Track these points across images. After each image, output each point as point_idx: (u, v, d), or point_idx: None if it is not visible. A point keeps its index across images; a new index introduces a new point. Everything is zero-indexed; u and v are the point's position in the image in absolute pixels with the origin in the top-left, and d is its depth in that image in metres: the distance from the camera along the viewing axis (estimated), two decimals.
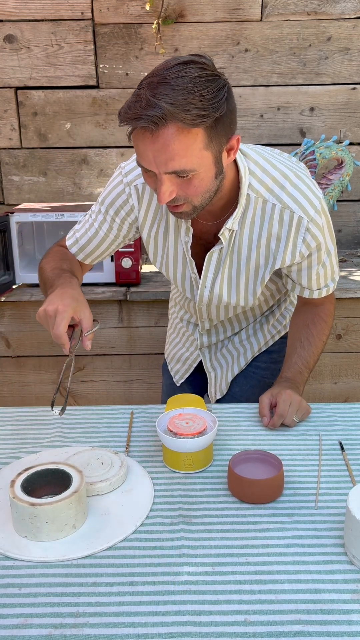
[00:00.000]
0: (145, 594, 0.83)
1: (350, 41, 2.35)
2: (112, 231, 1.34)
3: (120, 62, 2.37)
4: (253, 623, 0.78)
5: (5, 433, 1.26)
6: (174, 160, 1.01)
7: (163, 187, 1.05)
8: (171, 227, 1.29)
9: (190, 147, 1.01)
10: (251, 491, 1.01)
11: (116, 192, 1.30)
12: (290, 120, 2.44)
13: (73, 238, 1.38)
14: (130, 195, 1.28)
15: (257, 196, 1.20)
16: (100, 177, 2.50)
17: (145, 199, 1.28)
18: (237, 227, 1.23)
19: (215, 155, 1.06)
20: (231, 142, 1.09)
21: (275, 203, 1.20)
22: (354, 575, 0.85)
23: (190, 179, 1.05)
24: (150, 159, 1.03)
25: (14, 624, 0.78)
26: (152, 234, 1.32)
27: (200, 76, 1.00)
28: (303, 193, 1.20)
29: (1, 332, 2.18)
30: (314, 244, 1.23)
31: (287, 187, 1.20)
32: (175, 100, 0.97)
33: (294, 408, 1.24)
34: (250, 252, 1.26)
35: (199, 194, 1.08)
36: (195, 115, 0.98)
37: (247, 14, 2.32)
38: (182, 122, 0.98)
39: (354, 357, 2.19)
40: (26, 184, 2.50)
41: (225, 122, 1.05)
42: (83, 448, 1.18)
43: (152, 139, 1.00)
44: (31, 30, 2.34)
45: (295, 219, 1.20)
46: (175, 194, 1.07)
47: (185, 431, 1.10)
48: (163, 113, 0.96)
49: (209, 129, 1.02)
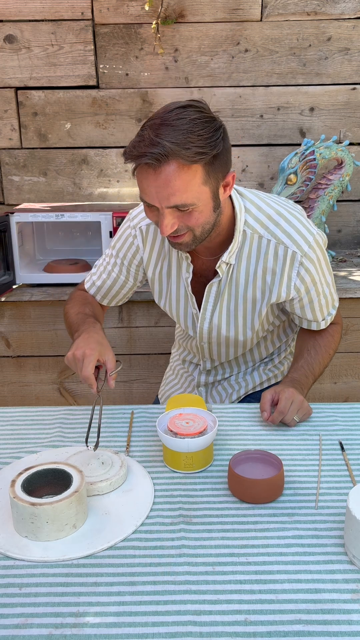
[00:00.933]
0: (145, 593, 0.83)
1: (350, 41, 2.35)
2: (123, 273, 1.45)
3: (120, 62, 2.37)
4: (253, 623, 0.78)
5: (5, 433, 1.26)
6: (175, 195, 1.10)
7: (165, 221, 1.14)
8: (173, 265, 1.38)
9: (190, 182, 1.10)
10: (251, 491, 1.01)
11: (124, 236, 1.41)
12: (290, 121, 2.44)
13: (90, 281, 1.49)
14: (135, 237, 1.39)
15: (253, 232, 1.28)
16: (100, 177, 2.50)
17: (149, 240, 1.38)
18: (235, 261, 1.30)
19: (213, 190, 1.15)
20: (227, 179, 1.18)
21: (270, 239, 1.27)
22: (354, 575, 0.85)
23: (191, 212, 1.14)
24: (153, 194, 1.11)
25: (15, 623, 0.78)
26: (156, 272, 1.41)
27: (198, 118, 1.09)
28: (297, 229, 1.27)
29: (1, 332, 2.18)
30: (308, 278, 1.30)
31: (281, 223, 1.27)
32: (176, 140, 1.06)
33: (295, 407, 1.24)
34: (247, 285, 1.33)
35: (199, 225, 1.17)
36: (194, 152, 1.07)
37: (247, 14, 2.32)
38: (182, 159, 1.07)
39: (354, 357, 2.19)
40: (26, 184, 2.51)
41: (221, 160, 1.14)
42: (83, 448, 1.18)
43: (154, 175, 1.09)
44: (31, 31, 2.34)
45: (289, 253, 1.27)
46: (177, 226, 1.15)
47: (185, 431, 1.10)
48: (165, 151, 1.05)
49: (207, 165, 1.11)
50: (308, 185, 2.29)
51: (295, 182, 2.24)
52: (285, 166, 2.23)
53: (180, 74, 2.39)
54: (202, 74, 2.39)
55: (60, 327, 2.16)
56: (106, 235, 2.09)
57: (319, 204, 2.31)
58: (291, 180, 2.23)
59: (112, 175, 2.50)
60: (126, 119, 2.44)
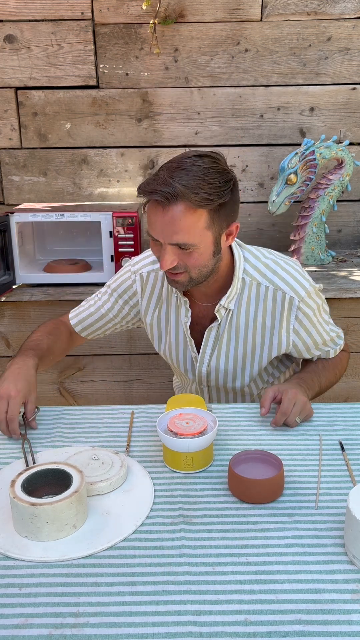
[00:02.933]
0: (145, 593, 0.83)
1: (350, 41, 2.35)
2: (113, 310, 1.49)
3: (120, 62, 2.37)
4: (253, 623, 0.78)
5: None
6: (179, 234, 1.17)
7: (166, 256, 1.20)
8: (172, 310, 1.42)
9: (194, 225, 1.17)
10: (251, 491, 1.01)
11: (123, 278, 1.46)
12: (290, 120, 2.44)
13: (76, 311, 1.53)
14: (135, 281, 1.44)
15: (252, 280, 1.34)
16: (100, 177, 2.50)
17: (149, 286, 1.43)
18: (234, 307, 1.35)
19: (215, 236, 1.21)
20: (231, 228, 1.25)
21: (268, 286, 1.33)
22: (354, 575, 0.85)
23: (191, 252, 1.20)
24: (158, 229, 1.18)
25: (15, 623, 0.78)
26: (154, 317, 1.45)
27: (212, 168, 1.17)
28: (294, 277, 1.33)
29: (1, 332, 2.18)
30: (306, 322, 1.35)
31: (278, 271, 1.33)
32: (187, 183, 1.13)
33: (298, 408, 1.24)
34: (247, 329, 1.37)
35: (197, 266, 1.22)
36: (202, 198, 1.14)
37: (247, 14, 2.32)
38: (190, 202, 1.14)
39: (354, 357, 2.19)
40: (26, 184, 2.50)
41: (227, 209, 1.21)
42: (83, 448, 1.18)
43: (162, 212, 1.16)
44: (31, 31, 2.34)
45: (287, 299, 1.32)
46: (176, 263, 1.21)
47: (185, 431, 1.10)
48: (175, 192, 1.13)
49: (212, 212, 1.18)
50: (308, 185, 2.29)
51: (295, 182, 2.24)
52: (285, 166, 2.23)
53: (180, 74, 2.39)
54: (202, 74, 2.39)
55: None
56: (106, 235, 2.09)
57: (319, 204, 2.31)
58: (291, 180, 2.23)
59: (112, 175, 2.50)
60: (126, 119, 2.44)
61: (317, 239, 2.35)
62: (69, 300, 2.09)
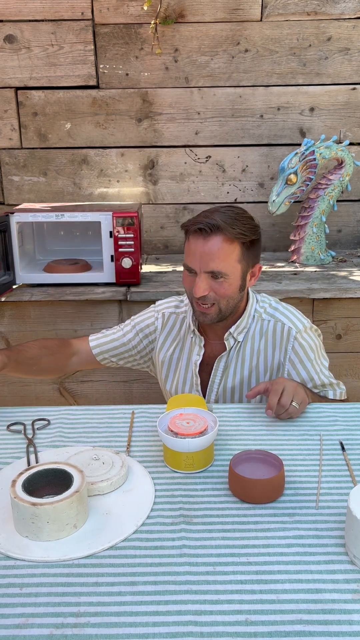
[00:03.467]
0: (146, 593, 0.83)
1: (350, 41, 2.35)
2: (133, 342, 1.60)
3: (120, 62, 2.37)
4: (254, 623, 0.78)
5: (5, 433, 1.26)
6: (215, 262, 1.34)
7: (201, 283, 1.35)
8: (185, 350, 1.56)
9: (229, 255, 1.35)
10: (252, 491, 1.01)
11: (147, 315, 1.62)
12: (290, 120, 2.44)
13: (96, 335, 1.63)
14: (157, 319, 1.59)
15: (258, 316, 1.50)
16: (100, 177, 2.50)
17: (168, 325, 1.58)
18: (242, 339, 1.48)
19: (244, 271, 1.39)
20: (254, 269, 1.44)
21: (270, 319, 1.49)
22: (355, 575, 0.85)
23: (222, 282, 1.36)
24: (197, 257, 1.35)
25: (15, 623, 0.78)
26: (167, 355, 1.58)
27: (243, 213, 1.41)
28: (293, 314, 1.50)
29: (1, 332, 2.18)
30: (302, 353, 1.46)
31: (279, 309, 1.51)
32: (226, 220, 1.34)
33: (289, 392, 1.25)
34: (252, 359, 1.49)
35: (226, 297, 1.38)
36: (238, 232, 1.34)
37: (247, 14, 2.32)
38: (228, 234, 1.33)
39: (354, 357, 2.19)
40: (26, 184, 2.50)
41: (255, 248, 1.42)
42: (84, 448, 1.18)
43: (203, 241, 1.34)
44: (31, 31, 2.34)
45: (286, 329, 1.47)
46: (208, 293, 1.36)
47: (186, 431, 1.10)
48: (217, 224, 1.33)
49: (244, 247, 1.37)
50: (308, 185, 2.29)
51: (295, 182, 2.24)
52: (285, 166, 2.23)
53: (180, 74, 2.39)
54: (202, 74, 2.39)
55: (61, 327, 2.16)
56: (106, 235, 2.09)
57: (319, 204, 2.31)
58: (291, 180, 2.23)
59: (112, 175, 2.50)
60: (126, 119, 2.44)
61: (317, 239, 2.35)
62: (69, 300, 2.09)
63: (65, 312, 2.14)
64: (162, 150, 2.47)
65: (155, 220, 2.56)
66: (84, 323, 2.15)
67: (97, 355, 1.61)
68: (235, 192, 2.53)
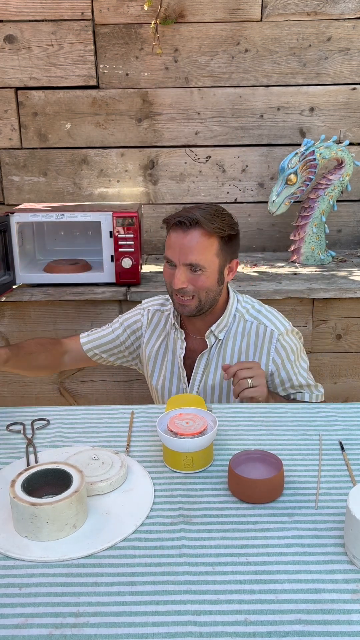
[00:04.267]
0: (145, 593, 0.83)
1: (350, 41, 2.35)
2: (121, 338, 1.66)
3: (120, 63, 2.37)
4: (253, 623, 0.78)
5: (5, 433, 1.26)
6: (194, 255, 1.39)
7: (180, 275, 1.41)
8: (170, 344, 1.60)
9: (207, 249, 1.40)
10: (251, 491, 1.01)
11: (134, 313, 1.68)
12: (290, 121, 2.44)
13: (87, 332, 1.70)
14: (142, 315, 1.66)
15: (241, 316, 1.54)
16: (100, 177, 2.50)
17: (153, 322, 1.64)
18: (223, 337, 1.53)
19: (221, 265, 1.44)
20: (232, 264, 1.49)
21: (252, 321, 1.54)
22: (354, 575, 0.85)
23: (200, 275, 1.41)
24: (176, 250, 1.40)
25: (15, 623, 0.78)
26: (153, 350, 1.63)
27: (222, 210, 1.46)
28: (275, 316, 1.55)
29: (1, 332, 2.18)
30: (283, 353, 1.51)
31: (262, 311, 1.56)
32: (205, 215, 1.40)
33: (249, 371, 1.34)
34: (233, 359, 1.53)
35: (205, 288, 1.42)
36: (216, 227, 1.40)
37: (247, 14, 2.32)
38: (206, 228, 1.39)
39: (354, 357, 2.19)
40: (26, 184, 2.51)
41: (233, 244, 1.47)
42: (83, 448, 1.18)
43: (183, 234, 1.40)
44: (31, 31, 2.34)
45: (268, 332, 1.52)
46: (186, 285, 1.41)
47: (185, 431, 1.10)
48: (196, 219, 1.39)
49: (222, 241, 1.42)
50: (308, 185, 2.29)
51: (295, 182, 2.24)
52: (285, 166, 2.23)
53: (180, 74, 2.39)
54: (202, 74, 2.39)
55: (61, 327, 2.16)
56: (106, 235, 2.09)
57: (319, 204, 2.31)
58: (291, 180, 2.23)
59: (112, 175, 2.50)
60: (126, 119, 2.44)
61: (317, 239, 2.35)
62: (69, 300, 2.09)
63: (65, 312, 2.14)
64: (162, 150, 2.48)
65: (155, 220, 2.56)
66: (84, 323, 2.15)
67: (88, 352, 1.67)
68: (235, 192, 2.53)
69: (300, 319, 2.12)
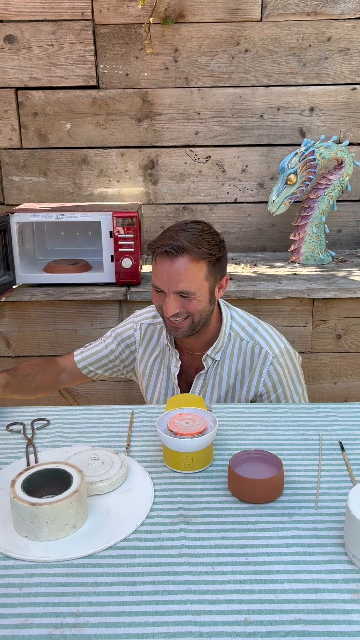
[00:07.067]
0: (145, 593, 0.83)
1: (350, 41, 2.35)
2: (115, 352, 1.63)
3: (120, 63, 2.37)
4: (253, 623, 0.78)
5: (5, 433, 1.26)
6: (183, 282, 1.34)
7: (170, 303, 1.36)
8: (165, 361, 1.57)
9: (195, 275, 1.35)
10: (251, 491, 1.01)
11: (127, 327, 1.63)
12: (290, 121, 2.44)
13: (81, 349, 1.66)
14: (135, 330, 1.62)
15: (236, 335, 1.50)
16: (100, 177, 2.50)
17: (147, 336, 1.60)
18: (220, 358, 1.50)
19: (211, 286, 1.40)
20: (222, 282, 1.45)
21: (248, 341, 1.50)
22: (354, 575, 0.85)
23: (191, 299, 1.37)
24: (164, 279, 1.35)
25: (15, 623, 0.78)
26: (148, 366, 1.60)
27: (207, 230, 1.40)
28: (271, 336, 1.51)
29: (1, 332, 2.18)
30: (275, 378, 1.47)
31: (259, 329, 1.51)
32: (191, 240, 1.34)
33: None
34: (230, 378, 1.51)
35: (198, 311, 1.39)
36: (203, 252, 1.35)
37: (247, 14, 2.32)
38: (194, 254, 1.33)
39: (354, 357, 2.19)
40: (26, 184, 2.51)
41: (221, 264, 1.42)
42: (83, 448, 1.18)
43: (169, 263, 1.34)
44: (31, 31, 2.34)
45: (263, 353, 1.48)
46: (179, 310, 1.37)
47: (185, 431, 1.10)
48: (182, 245, 1.33)
49: (211, 265, 1.37)
50: (308, 185, 2.29)
51: (295, 182, 2.24)
52: (285, 166, 2.23)
53: (180, 74, 2.39)
54: (202, 74, 2.39)
55: (60, 327, 2.16)
56: (106, 235, 2.09)
57: (319, 204, 2.31)
58: (291, 180, 2.24)
59: (112, 175, 2.50)
60: (126, 119, 2.44)
61: (317, 239, 2.35)
62: (69, 300, 2.09)
63: (65, 312, 2.14)
64: (162, 150, 2.48)
65: (155, 220, 2.56)
66: (84, 323, 2.15)
67: (83, 369, 1.64)
68: (235, 192, 2.53)
69: (300, 319, 2.12)
